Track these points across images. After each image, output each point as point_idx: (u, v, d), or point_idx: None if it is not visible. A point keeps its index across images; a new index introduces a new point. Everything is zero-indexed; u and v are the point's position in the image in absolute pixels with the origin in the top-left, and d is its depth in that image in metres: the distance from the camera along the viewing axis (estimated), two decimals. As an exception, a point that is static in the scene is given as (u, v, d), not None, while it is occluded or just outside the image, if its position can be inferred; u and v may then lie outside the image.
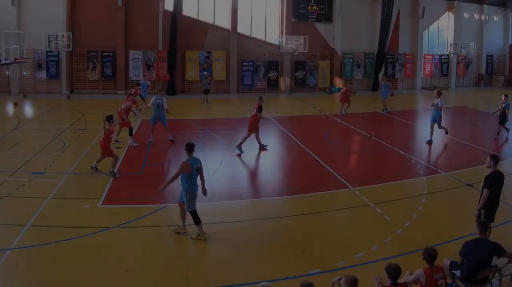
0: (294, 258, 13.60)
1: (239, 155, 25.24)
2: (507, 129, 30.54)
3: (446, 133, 29.20)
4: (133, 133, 27.49)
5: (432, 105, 28.40)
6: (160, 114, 27.77)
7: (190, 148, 15.14)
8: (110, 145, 21.56)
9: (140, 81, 39.85)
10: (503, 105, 30.18)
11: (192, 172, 14.84)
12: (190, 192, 14.83)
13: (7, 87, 47.58)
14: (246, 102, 38.20)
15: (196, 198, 15.04)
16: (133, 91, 34.37)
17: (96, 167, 21.63)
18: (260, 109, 25.29)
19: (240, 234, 15.49)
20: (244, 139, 25.53)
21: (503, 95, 30.74)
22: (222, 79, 51.97)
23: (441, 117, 28.58)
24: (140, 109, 35.73)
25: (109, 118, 21.30)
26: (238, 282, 12.31)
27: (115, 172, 21.10)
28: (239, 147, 25.62)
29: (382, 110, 39.22)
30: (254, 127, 25.52)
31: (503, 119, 30.24)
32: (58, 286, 11.97)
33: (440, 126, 28.74)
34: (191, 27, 50.65)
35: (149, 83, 41.23)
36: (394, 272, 9.57)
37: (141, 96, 36.79)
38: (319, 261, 13.41)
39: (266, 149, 26.34)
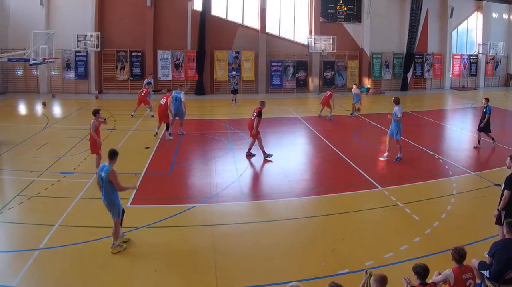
0: (322, 258, 13.54)
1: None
2: (493, 139, 27.72)
3: (386, 156, 24.67)
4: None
5: (389, 116, 24.43)
6: (179, 108, 29.15)
7: (108, 154, 14.10)
8: (99, 141, 21.24)
9: (148, 81, 39.96)
10: (484, 110, 27.11)
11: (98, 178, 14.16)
12: None
13: (36, 87, 48.38)
14: (275, 102, 38.19)
15: (108, 208, 14.05)
16: (144, 92, 34.82)
17: None
18: (259, 114, 24.46)
19: (268, 234, 15.49)
20: (262, 147, 24.93)
21: (484, 99, 27.64)
22: (251, 79, 52.04)
23: (398, 130, 23.97)
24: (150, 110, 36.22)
25: (96, 113, 21.14)
26: (267, 282, 12.31)
27: None
28: (265, 155, 24.92)
29: (351, 114, 38.02)
30: (255, 132, 24.67)
31: (486, 126, 26.97)
32: (87, 285, 12.05)
33: (397, 142, 24.38)
34: (219, 27, 50.98)
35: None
36: (422, 272, 9.60)
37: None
38: (348, 261, 13.37)
39: (252, 155, 25.11)
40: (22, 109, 41.17)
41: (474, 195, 19.32)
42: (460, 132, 32.25)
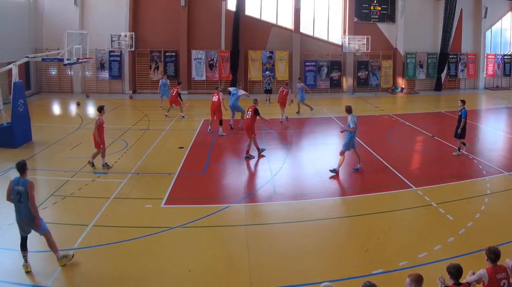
0: (356, 258, 13.57)
1: (247, 159, 24.69)
2: (464, 144, 25.64)
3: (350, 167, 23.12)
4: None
5: (341, 130, 23.82)
6: (235, 103, 31.36)
7: (18, 169, 12.82)
8: (103, 136, 21.77)
9: (163, 82, 40.72)
10: (459, 114, 25.38)
11: (11, 193, 12.66)
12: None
13: (70, 87, 48.91)
14: (309, 102, 38.00)
15: (21, 225, 12.75)
16: (174, 92, 35.07)
17: (93, 162, 22.20)
18: (256, 112, 24.48)
19: (302, 234, 15.51)
20: (256, 144, 24.94)
21: (460, 101, 25.97)
22: (285, 79, 50.98)
23: (348, 141, 22.51)
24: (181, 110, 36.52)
25: (100, 109, 21.79)
26: (300, 282, 12.33)
27: (101, 164, 22.01)
28: (259, 151, 25.07)
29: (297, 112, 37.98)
30: (251, 131, 24.64)
31: (462, 131, 25.03)
32: (121, 285, 12.19)
33: (356, 154, 22.94)
34: (253, 27, 50.97)
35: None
36: (456, 272, 9.58)
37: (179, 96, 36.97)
38: (382, 261, 13.37)
39: (251, 157, 24.75)
40: (56, 109, 41.76)
41: (508, 195, 19.13)
42: (494, 132, 31.87)
